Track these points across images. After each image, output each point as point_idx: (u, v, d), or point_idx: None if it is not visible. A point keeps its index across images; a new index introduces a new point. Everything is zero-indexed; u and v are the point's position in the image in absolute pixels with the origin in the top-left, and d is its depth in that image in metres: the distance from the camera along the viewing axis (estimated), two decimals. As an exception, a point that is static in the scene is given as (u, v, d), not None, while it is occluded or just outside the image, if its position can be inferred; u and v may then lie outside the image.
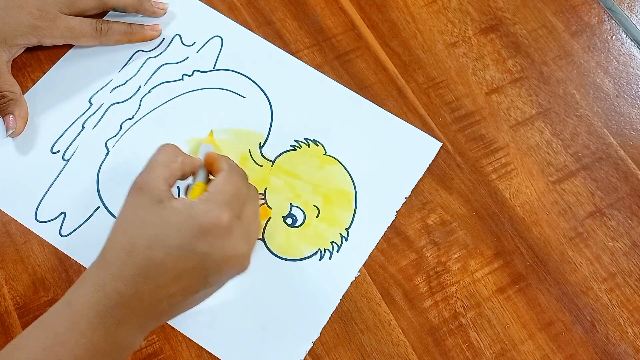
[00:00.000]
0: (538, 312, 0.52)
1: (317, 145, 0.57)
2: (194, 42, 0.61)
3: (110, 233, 0.43)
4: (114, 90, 0.58)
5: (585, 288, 0.53)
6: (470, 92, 0.61)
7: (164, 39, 0.61)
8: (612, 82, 0.62)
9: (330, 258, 0.53)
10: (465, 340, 0.51)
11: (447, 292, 0.52)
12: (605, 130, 0.60)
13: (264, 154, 0.56)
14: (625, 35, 0.65)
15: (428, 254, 0.54)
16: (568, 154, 0.59)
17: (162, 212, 0.42)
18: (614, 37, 0.65)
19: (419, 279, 0.53)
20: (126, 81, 0.59)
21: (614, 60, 0.64)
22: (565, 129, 0.60)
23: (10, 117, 0.55)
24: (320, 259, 0.53)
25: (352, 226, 0.54)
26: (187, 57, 0.60)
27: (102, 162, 0.56)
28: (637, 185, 0.58)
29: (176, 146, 0.47)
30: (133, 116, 0.57)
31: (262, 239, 0.53)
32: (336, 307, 0.51)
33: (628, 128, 0.60)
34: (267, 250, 0.53)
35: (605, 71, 0.63)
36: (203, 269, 0.42)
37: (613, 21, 0.66)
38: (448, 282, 0.53)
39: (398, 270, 0.53)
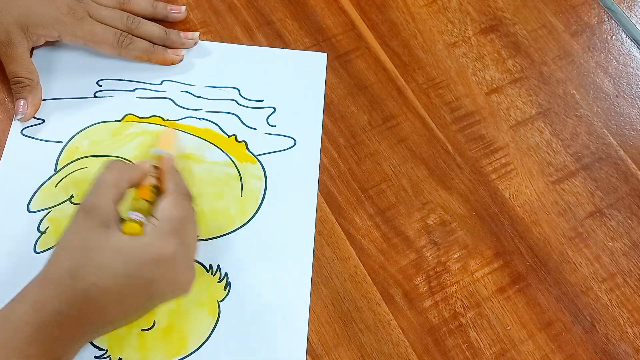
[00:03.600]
0: (538, 312, 0.52)
1: (217, 277, 0.52)
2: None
3: (54, 252, 0.44)
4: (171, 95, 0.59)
5: (585, 288, 0.53)
6: (470, 92, 0.61)
7: None
8: (612, 82, 0.63)
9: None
10: (465, 340, 0.51)
11: (447, 292, 0.53)
12: (605, 130, 0.60)
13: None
14: (625, 35, 0.65)
15: (428, 254, 0.54)
16: (568, 154, 0.59)
17: (109, 237, 0.43)
18: (613, 37, 0.65)
19: (418, 279, 0.53)
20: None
21: (613, 60, 0.64)
22: (565, 129, 0.60)
23: (22, 102, 0.55)
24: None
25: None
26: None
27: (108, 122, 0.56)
28: (637, 185, 0.58)
29: (123, 162, 0.49)
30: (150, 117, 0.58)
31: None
32: (336, 307, 0.51)
33: (628, 128, 0.61)
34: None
35: (605, 71, 0.63)
36: (147, 294, 0.44)
37: (613, 21, 0.66)
38: (448, 282, 0.53)
39: (398, 270, 0.53)
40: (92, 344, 0.48)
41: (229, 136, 0.57)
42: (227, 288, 0.51)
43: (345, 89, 0.60)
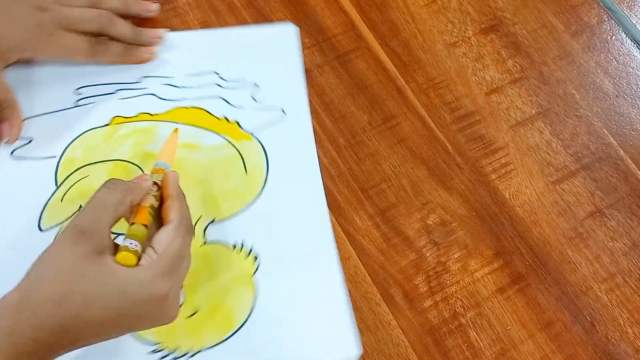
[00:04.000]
0: (538, 312, 0.52)
1: (254, 260, 0.53)
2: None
3: (34, 272, 0.40)
4: (165, 86, 0.59)
5: (585, 288, 0.53)
6: (470, 92, 0.61)
7: None
8: (612, 82, 0.63)
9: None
10: (465, 340, 0.51)
11: (447, 292, 0.53)
12: (605, 130, 0.60)
13: (205, 231, 0.53)
14: (625, 35, 0.65)
15: (428, 254, 0.54)
16: (568, 154, 0.59)
17: (102, 268, 0.40)
18: (613, 37, 0.65)
19: (418, 279, 0.53)
20: (182, 86, 0.59)
21: (613, 60, 0.64)
22: (565, 129, 0.60)
23: (6, 125, 0.54)
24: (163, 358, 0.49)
25: (205, 351, 0.49)
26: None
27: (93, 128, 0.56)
28: (637, 185, 0.58)
29: (125, 183, 0.44)
30: (154, 115, 0.57)
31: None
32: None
33: (628, 128, 0.61)
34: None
35: (605, 71, 0.63)
36: (130, 327, 0.43)
37: (613, 21, 0.66)
38: (448, 282, 0.53)
39: (398, 270, 0.53)
40: (139, 338, 0.48)
41: (220, 119, 0.57)
42: (256, 260, 0.52)
43: (345, 89, 0.60)
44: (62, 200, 0.53)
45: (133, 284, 0.40)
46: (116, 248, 0.42)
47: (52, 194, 0.53)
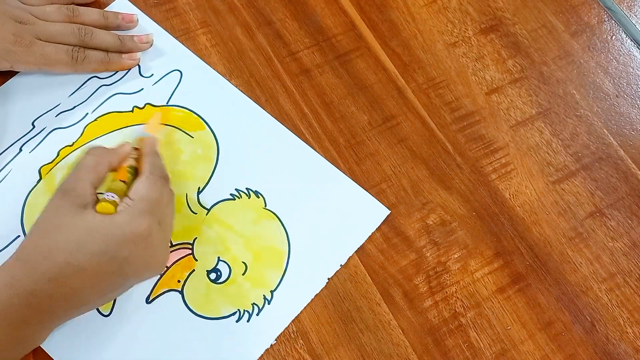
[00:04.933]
0: (538, 312, 0.52)
1: (258, 197, 0.54)
2: (152, 74, 0.59)
3: (29, 233, 0.44)
4: (60, 115, 0.56)
5: (585, 288, 0.53)
6: (470, 92, 0.61)
7: None
8: (612, 82, 0.63)
9: (248, 321, 0.50)
10: (465, 340, 0.51)
11: (447, 292, 0.53)
12: (605, 130, 0.60)
13: (200, 201, 0.54)
14: (625, 35, 0.65)
15: (428, 254, 0.54)
16: (568, 154, 0.59)
17: (85, 217, 0.43)
18: (613, 37, 0.65)
19: (419, 279, 0.53)
20: (74, 107, 0.56)
21: (614, 60, 0.64)
22: (565, 129, 0.60)
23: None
24: (237, 321, 0.50)
25: (278, 289, 0.51)
26: (142, 89, 0.58)
27: (32, 189, 0.53)
28: (637, 185, 0.58)
29: (104, 148, 0.49)
30: (73, 143, 0.55)
31: (181, 292, 0.51)
32: (336, 307, 0.51)
33: (628, 128, 0.61)
34: (182, 304, 0.50)
35: (605, 71, 0.63)
36: (122, 273, 0.44)
37: (613, 21, 0.66)
38: (448, 282, 0.53)
39: (398, 270, 0.53)
40: (220, 317, 0.50)
41: (131, 111, 0.57)
42: (259, 195, 0.54)
43: (345, 89, 0.60)
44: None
45: (112, 226, 0.43)
46: None
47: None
